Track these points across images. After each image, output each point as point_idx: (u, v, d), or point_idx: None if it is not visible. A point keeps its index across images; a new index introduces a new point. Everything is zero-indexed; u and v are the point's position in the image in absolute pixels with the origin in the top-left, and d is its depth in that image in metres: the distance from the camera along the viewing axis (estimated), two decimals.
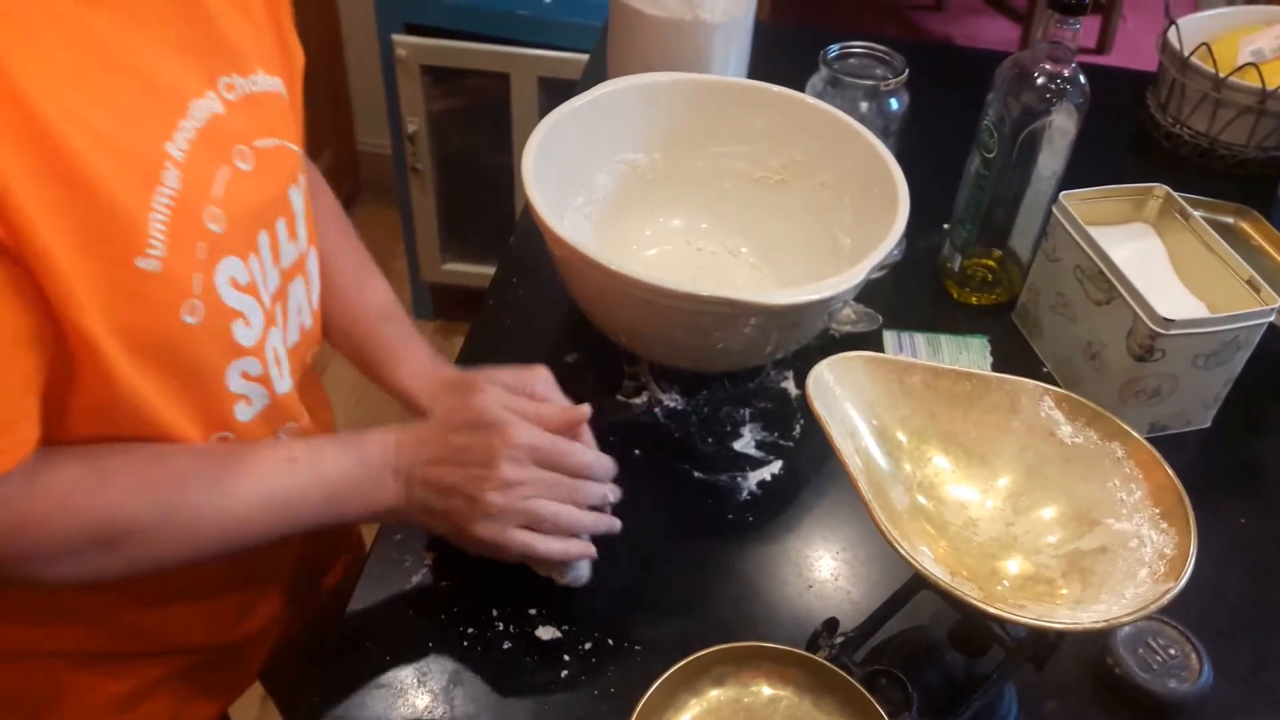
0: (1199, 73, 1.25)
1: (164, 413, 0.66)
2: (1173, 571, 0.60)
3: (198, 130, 0.62)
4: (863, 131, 1.02)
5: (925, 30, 3.37)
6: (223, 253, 0.65)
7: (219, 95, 0.65)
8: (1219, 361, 0.93)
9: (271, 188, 0.70)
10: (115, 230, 0.57)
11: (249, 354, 0.70)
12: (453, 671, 0.77)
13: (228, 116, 0.65)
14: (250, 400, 0.72)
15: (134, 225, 0.58)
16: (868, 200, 1.00)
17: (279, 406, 0.75)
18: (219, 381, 0.69)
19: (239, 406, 0.71)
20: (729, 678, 0.66)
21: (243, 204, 0.66)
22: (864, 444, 0.67)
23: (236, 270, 0.66)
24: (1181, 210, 1.00)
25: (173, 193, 0.60)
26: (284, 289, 0.74)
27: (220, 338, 0.67)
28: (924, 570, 0.59)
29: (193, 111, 0.63)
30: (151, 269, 0.59)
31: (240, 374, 0.70)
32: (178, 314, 0.62)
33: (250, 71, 0.69)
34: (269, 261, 0.71)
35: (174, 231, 0.60)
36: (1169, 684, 0.77)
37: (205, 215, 0.63)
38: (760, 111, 1.07)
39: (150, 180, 0.59)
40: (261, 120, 0.69)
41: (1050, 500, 0.68)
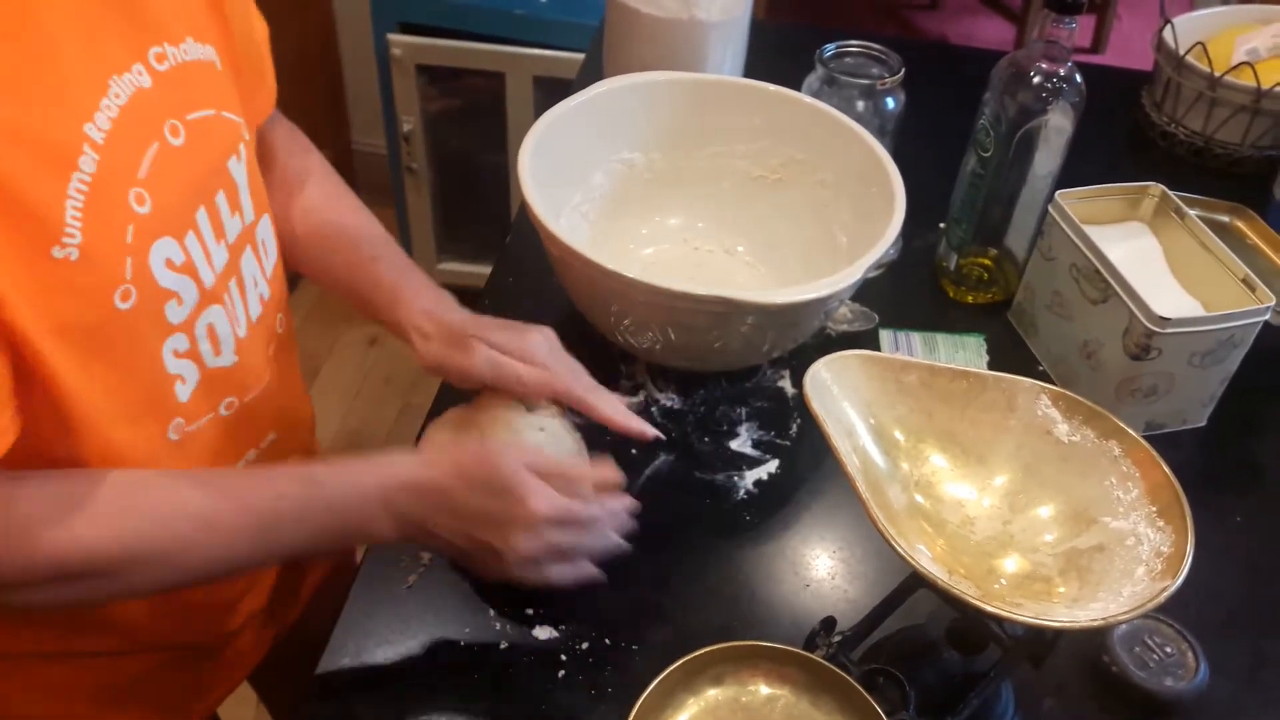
0: (1194, 72, 1.25)
1: (111, 405, 0.64)
2: (1170, 570, 0.60)
3: (120, 108, 0.60)
4: (859, 131, 1.02)
5: (920, 29, 3.37)
6: (155, 234, 0.63)
7: (148, 67, 0.63)
8: (1215, 360, 0.93)
9: (207, 161, 0.69)
10: (27, 222, 0.55)
11: (177, 330, 0.68)
12: (449, 672, 0.77)
13: (155, 89, 0.63)
14: (184, 378, 0.70)
15: (47, 215, 0.56)
16: (864, 199, 1.00)
17: (214, 380, 0.73)
18: (157, 362, 0.67)
19: (177, 386, 0.70)
20: (727, 677, 0.67)
21: (174, 181, 0.64)
22: (861, 443, 0.67)
23: (172, 251, 0.64)
24: (1177, 209, 1.00)
25: (87, 177, 0.58)
26: (235, 262, 0.72)
27: (155, 319, 0.65)
28: (921, 569, 0.59)
29: (114, 89, 0.60)
30: (71, 257, 0.57)
31: (172, 352, 0.68)
32: (110, 301, 0.60)
33: (180, 40, 0.66)
34: (210, 239, 0.69)
35: (93, 217, 0.58)
36: (1165, 682, 0.77)
37: (130, 197, 0.61)
38: (757, 111, 1.07)
39: (64, 167, 0.57)
40: (194, 91, 0.67)
41: (1047, 498, 0.68)
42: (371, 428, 2.22)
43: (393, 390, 2.30)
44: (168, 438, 0.70)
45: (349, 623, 0.80)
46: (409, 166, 2.16)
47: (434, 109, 2.13)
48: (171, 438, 0.71)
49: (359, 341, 2.37)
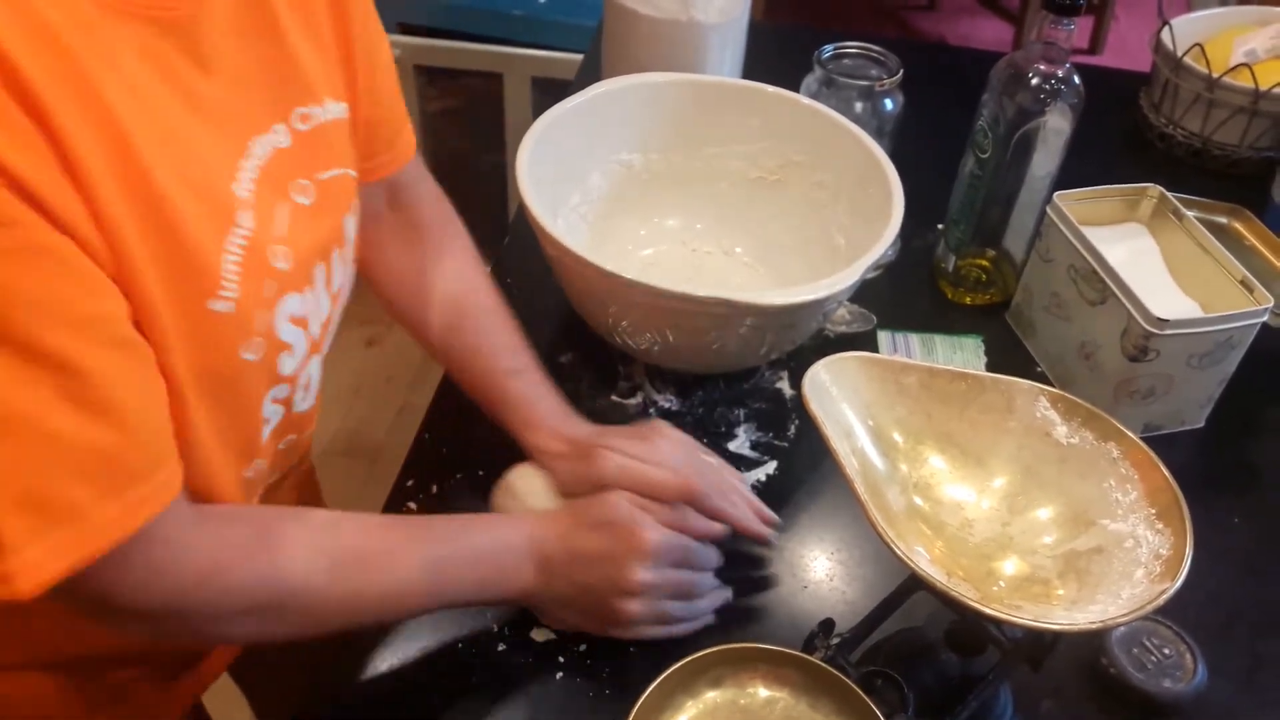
0: (1192, 73, 1.25)
1: (214, 446, 0.65)
2: (1168, 572, 0.60)
3: (260, 168, 0.62)
4: (857, 132, 1.02)
5: (918, 30, 3.38)
6: (286, 289, 0.64)
7: (290, 128, 0.65)
8: (1213, 361, 0.93)
9: (331, 219, 0.70)
10: (193, 272, 0.57)
11: (284, 381, 0.69)
12: (447, 674, 0.77)
13: (291, 150, 0.65)
14: (270, 421, 0.71)
15: (209, 268, 0.58)
16: (863, 200, 1.00)
17: (291, 422, 0.75)
18: (257, 409, 0.68)
19: (264, 429, 0.71)
20: (726, 679, 0.66)
21: (305, 239, 0.66)
22: (860, 444, 0.67)
23: (294, 305, 0.66)
24: (1175, 210, 1.01)
25: (247, 233, 0.60)
26: (329, 320, 0.74)
27: (268, 369, 0.66)
28: (920, 571, 0.59)
29: (252, 149, 0.62)
30: (224, 310, 0.59)
31: (272, 399, 0.69)
32: (238, 352, 0.62)
33: (322, 100, 0.68)
34: (323, 291, 0.70)
35: (246, 272, 0.60)
36: (1164, 684, 0.77)
37: (271, 254, 0.62)
38: (755, 112, 1.07)
39: (225, 221, 0.59)
40: (328, 150, 0.69)
41: (1046, 501, 0.68)
42: (370, 427, 2.22)
43: (392, 389, 2.30)
44: (244, 476, 0.71)
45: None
46: None
47: (432, 109, 2.13)
48: (247, 476, 0.71)
49: (357, 342, 2.37)
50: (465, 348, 0.87)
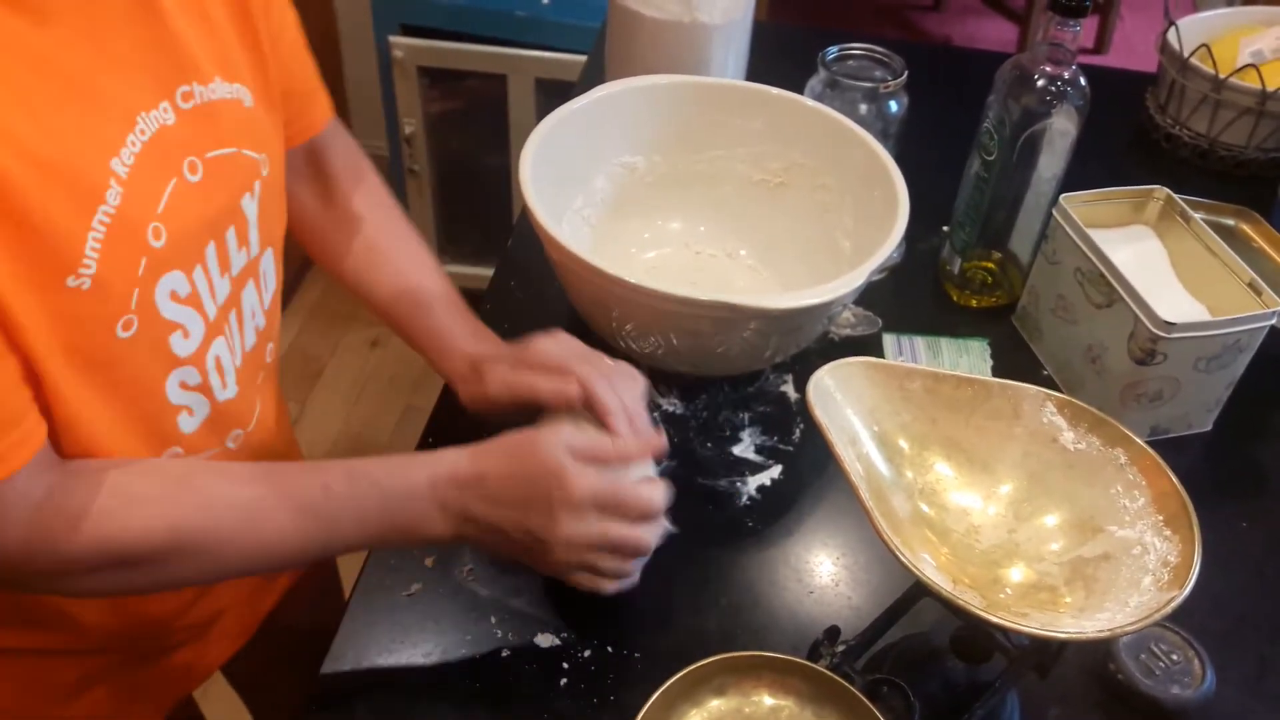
0: (1199, 74, 1.24)
1: (110, 430, 0.65)
2: (1177, 579, 0.59)
3: (143, 144, 0.61)
4: (862, 134, 1.02)
5: (923, 31, 3.37)
6: (164, 268, 0.64)
7: (174, 105, 0.64)
8: (1220, 365, 0.92)
9: (221, 198, 0.70)
10: (49, 252, 0.57)
11: (187, 364, 0.69)
12: (451, 680, 0.77)
13: (177, 127, 0.64)
14: (192, 410, 0.71)
15: (69, 246, 0.57)
16: (868, 203, 1.00)
17: (223, 414, 0.74)
18: (159, 393, 0.68)
19: (181, 417, 0.70)
20: (730, 687, 0.66)
21: (188, 217, 0.65)
22: (865, 450, 0.67)
23: (178, 283, 0.66)
24: (1182, 212, 1.00)
25: (112, 210, 0.59)
26: (236, 295, 0.73)
27: (157, 350, 0.66)
28: (926, 579, 0.58)
29: (140, 125, 0.62)
30: (83, 287, 0.58)
31: (179, 384, 0.69)
32: (113, 330, 0.62)
33: (209, 79, 0.67)
34: (215, 272, 0.70)
35: (111, 249, 0.59)
36: (1172, 690, 0.76)
37: (148, 232, 0.62)
38: (759, 114, 1.07)
39: (92, 200, 0.58)
40: (216, 130, 0.68)
41: (1053, 507, 0.68)
42: (374, 429, 2.22)
43: (395, 391, 2.29)
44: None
45: (350, 631, 0.80)
46: (411, 168, 2.16)
47: (436, 111, 2.13)
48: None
49: (361, 343, 2.37)
50: (380, 288, 0.88)
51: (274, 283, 0.80)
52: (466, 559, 0.84)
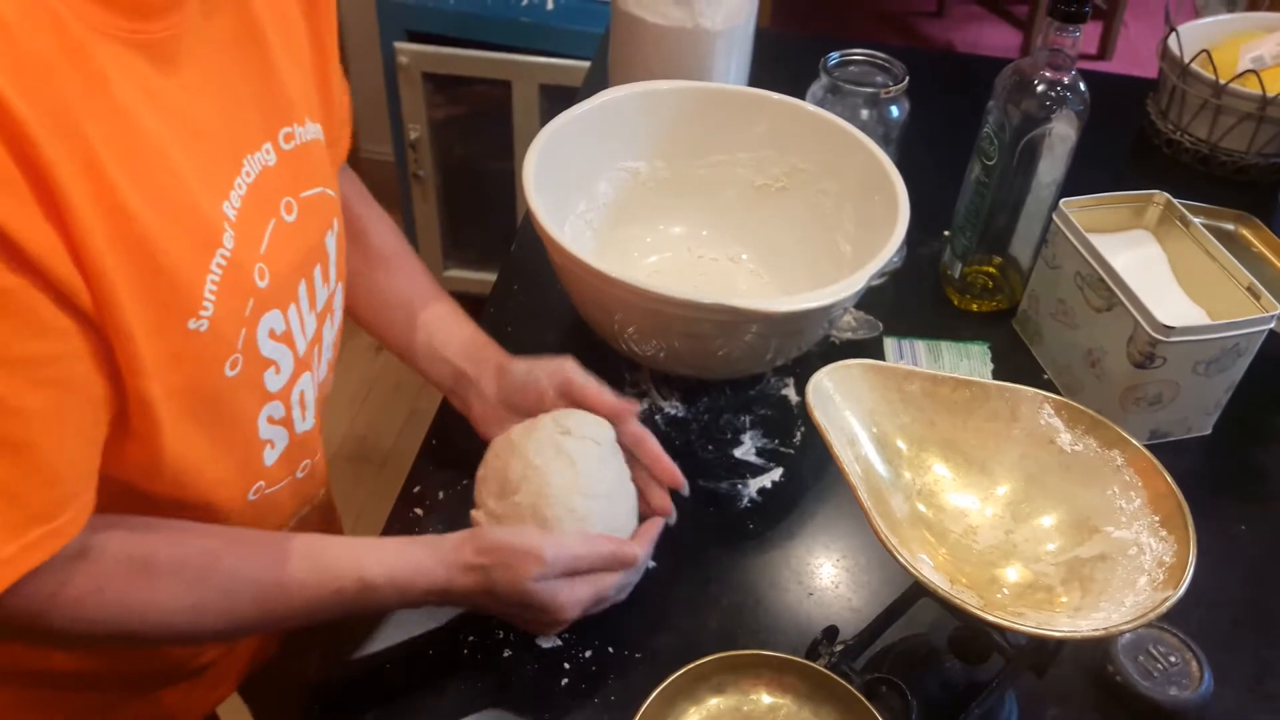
0: (1199, 79, 1.25)
1: (206, 466, 0.66)
2: (1172, 579, 0.59)
3: (249, 186, 0.63)
4: (863, 139, 1.02)
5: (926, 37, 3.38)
6: (267, 306, 0.66)
7: (276, 147, 0.66)
8: (1220, 368, 0.93)
9: (312, 237, 0.71)
10: (173, 295, 0.58)
11: (275, 399, 0.70)
12: (453, 680, 0.77)
13: (277, 168, 0.66)
14: (274, 443, 0.72)
15: (191, 289, 0.59)
16: (869, 207, 1.00)
17: (298, 445, 0.76)
18: (253, 428, 0.69)
19: (266, 451, 0.72)
20: (728, 686, 0.66)
21: (286, 257, 0.67)
22: (864, 452, 0.67)
23: (275, 322, 0.67)
24: (1182, 217, 1.00)
25: (228, 253, 0.61)
26: (320, 330, 0.75)
27: (254, 386, 0.68)
28: (923, 579, 0.59)
29: (246, 167, 0.63)
30: (201, 329, 0.60)
31: (267, 419, 0.70)
32: (222, 369, 0.63)
33: (303, 120, 0.69)
34: (306, 308, 0.72)
35: (225, 291, 0.61)
36: (1170, 691, 0.77)
37: (254, 272, 0.64)
38: (761, 119, 1.07)
39: (211, 243, 0.60)
40: (309, 169, 0.70)
41: (1050, 508, 0.68)
42: (378, 433, 2.23)
43: (400, 396, 2.30)
44: (247, 499, 0.72)
45: (351, 631, 0.80)
46: (416, 174, 2.17)
47: (441, 117, 2.14)
48: (250, 499, 0.72)
49: (366, 347, 2.37)
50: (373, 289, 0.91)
51: (341, 316, 0.82)
52: None
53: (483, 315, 1.07)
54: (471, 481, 0.91)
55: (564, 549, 0.72)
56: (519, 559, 0.71)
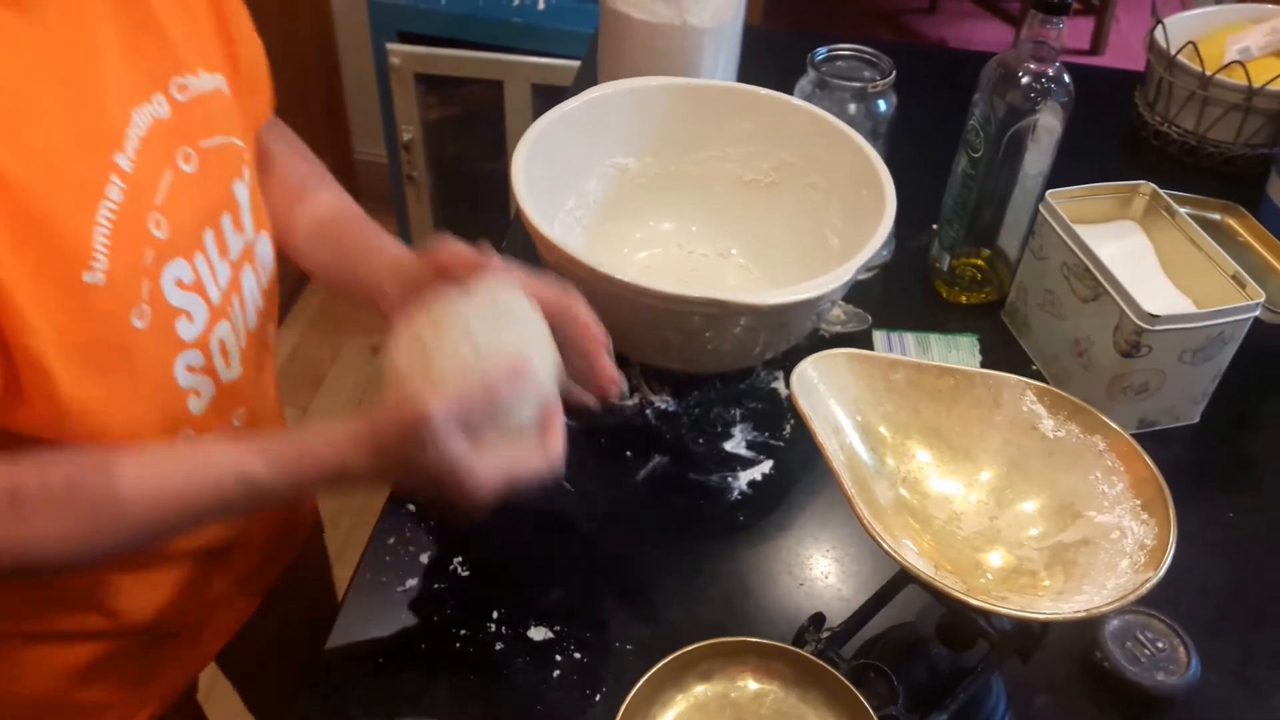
0: (1186, 71, 1.25)
1: (117, 417, 0.65)
2: (1152, 561, 0.60)
3: (140, 138, 0.63)
4: (850, 133, 1.03)
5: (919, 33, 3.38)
6: (168, 256, 0.66)
7: (168, 98, 0.66)
8: (1206, 357, 0.93)
9: (216, 186, 0.72)
10: (58, 249, 0.58)
11: (192, 347, 0.70)
12: (445, 672, 0.78)
13: (171, 119, 0.66)
14: (199, 392, 0.72)
15: (77, 242, 0.59)
16: (856, 201, 1.01)
17: (227, 394, 0.76)
18: (169, 377, 0.69)
19: (190, 400, 0.72)
20: (715, 673, 0.67)
21: (186, 206, 0.67)
22: (848, 440, 0.68)
23: (182, 271, 0.67)
24: (1167, 207, 1.01)
25: (115, 205, 0.61)
26: (236, 279, 0.75)
27: (165, 336, 0.67)
28: (907, 564, 0.59)
29: (135, 119, 0.63)
30: (98, 282, 0.60)
31: (185, 368, 0.70)
32: (128, 320, 0.63)
33: (195, 70, 0.69)
34: (216, 257, 0.72)
35: (118, 243, 0.61)
36: (1157, 677, 0.77)
37: (149, 222, 0.64)
38: (749, 114, 1.08)
39: (93, 195, 0.60)
40: (208, 119, 0.70)
41: (1033, 493, 0.69)
42: None
43: None
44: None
45: (344, 623, 0.81)
46: (409, 175, 2.17)
47: (433, 118, 2.14)
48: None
49: (362, 350, 2.38)
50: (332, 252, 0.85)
51: (271, 264, 0.81)
52: (460, 554, 0.85)
53: None
54: None
55: (448, 390, 0.65)
56: (403, 413, 0.64)
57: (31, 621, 0.78)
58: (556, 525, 0.89)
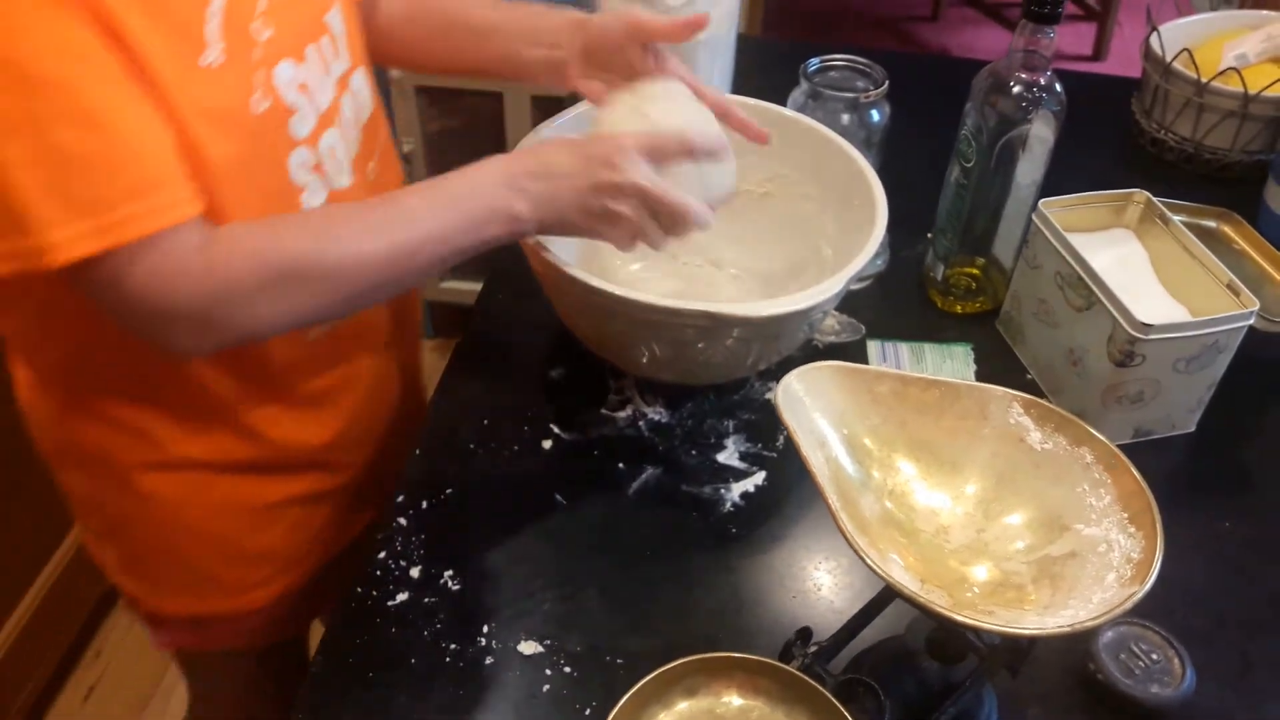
0: (1181, 78, 1.25)
1: (243, 192, 0.73)
2: (1139, 576, 0.59)
3: None
4: (843, 145, 1.03)
5: (920, 41, 3.38)
6: (276, 56, 0.75)
7: None
8: (1200, 366, 0.93)
9: (310, 10, 0.80)
10: (179, 32, 0.67)
11: (302, 144, 0.79)
12: (435, 686, 0.78)
13: None
14: (308, 188, 0.81)
15: (193, 30, 0.68)
16: (848, 212, 1.00)
17: (340, 197, 0.84)
18: (284, 169, 0.78)
19: (304, 195, 0.80)
20: (700, 689, 0.67)
21: (287, 18, 0.76)
22: (834, 453, 0.67)
23: (290, 71, 0.76)
24: (1162, 215, 1.01)
25: (221, 5, 0.69)
26: (339, 99, 0.83)
27: (281, 127, 0.76)
28: (890, 579, 0.59)
29: None
30: (214, 64, 0.69)
31: (299, 164, 0.79)
32: (248, 103, 0.72)
33: None
34: (319, 70, 0.80)
35: (228, 36, 0.70)
36: (1151, 689, 0.76)
37: (252, 27, 0.72)
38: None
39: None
40: None
41: (1021, 506, 0.68)
42: None
43: None
44: None
45: (334, 637, 0.81)
46: None
47: (434, 129, 2.15)
48: None
49: None
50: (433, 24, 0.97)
51: (369, 102, 0.90)
52: (450, 568, 0.85)
53: (469, 324, 1.08)
54: (455, 491, 0.91)
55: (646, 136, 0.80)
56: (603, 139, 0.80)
57: (222, 452, 0.87)
58: (548, 537, 0.89)
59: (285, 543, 0.96)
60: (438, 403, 1.00)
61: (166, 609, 0.98)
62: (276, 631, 1.03)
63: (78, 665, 1.80)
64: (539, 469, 0.93)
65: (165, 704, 1.78)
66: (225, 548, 0.94)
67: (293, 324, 0.75)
